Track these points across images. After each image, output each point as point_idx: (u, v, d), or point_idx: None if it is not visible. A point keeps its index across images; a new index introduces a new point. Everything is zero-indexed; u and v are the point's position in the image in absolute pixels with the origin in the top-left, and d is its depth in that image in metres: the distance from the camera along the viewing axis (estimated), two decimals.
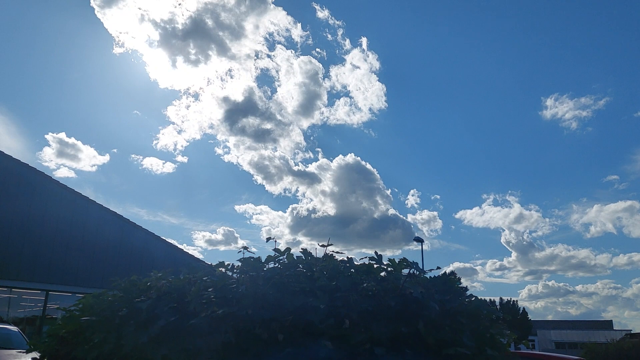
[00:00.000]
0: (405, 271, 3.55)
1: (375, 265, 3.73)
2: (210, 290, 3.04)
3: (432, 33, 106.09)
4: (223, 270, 3.59)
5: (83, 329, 3.28)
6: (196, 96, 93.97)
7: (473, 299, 3.44)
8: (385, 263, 3.77)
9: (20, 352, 10.64)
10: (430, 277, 3.48)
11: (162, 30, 70.61)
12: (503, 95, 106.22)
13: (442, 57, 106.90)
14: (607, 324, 66.83)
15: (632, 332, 48.31)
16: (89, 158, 75.80)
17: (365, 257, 3.85)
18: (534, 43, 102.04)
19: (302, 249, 3.60)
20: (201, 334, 2.72)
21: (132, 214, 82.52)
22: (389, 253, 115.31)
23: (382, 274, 3.49)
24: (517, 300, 57.04)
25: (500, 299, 57.32)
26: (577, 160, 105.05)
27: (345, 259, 3.79)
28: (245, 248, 3.66)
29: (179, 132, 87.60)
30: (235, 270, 3.49)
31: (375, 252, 4.00)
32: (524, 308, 56.64)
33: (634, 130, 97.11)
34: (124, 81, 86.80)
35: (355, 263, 3.78)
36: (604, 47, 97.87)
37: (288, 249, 3.47)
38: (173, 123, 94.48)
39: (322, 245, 3.60)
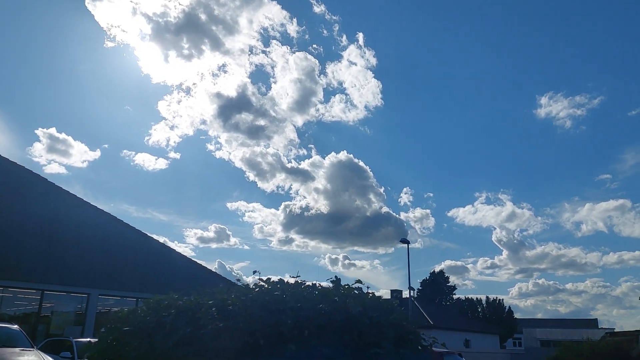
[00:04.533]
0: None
1: (331, 287, 5.31)
2: (213, 309, 4.58)
3: (428, 31, 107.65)
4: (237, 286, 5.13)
5: (123, 336, 4.80)
6: (188, 91, 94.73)
7: (398, 312, 5.01)
8: (341, 286, 5.35)
9: (23, 350, 11.93)
10: (371, 296, 5.03)
11: (154, 24, 71.41)
12: (498, 93, 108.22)
13: (437, 54, 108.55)
14: (593, 323, 69.48)
15: (614, 330, 50.59)
16: (80, 154, 76.63)
17: (329, 279, 5.43)
18: (530, 41, 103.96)
19: (279, 278, 5.15)
20: (209, 340, 4.27)
21: (121, 211, 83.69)
22: (381, 251, 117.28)
23: (336, 298, 5.03)
24: (503, 299, 59.29)
25: (487, 297, 59.48)
26: (570, 158, 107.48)
27: (312, 284, 5.35)
28: (255, 272, 5.18)
29: (171, 127, 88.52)
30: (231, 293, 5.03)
31: (335, 277, 5.59)
32: (509, 307, 58.83)
33: (627, 130, 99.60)
34: (115, 76, 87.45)
35: (319, 287, 5.34)
36: (600, 45, 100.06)
37: (269, 279, 5.02)
38: (165, 119, 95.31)
39: (293, 277, 5.17)
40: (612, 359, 24.07)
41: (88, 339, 14.76)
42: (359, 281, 5.73)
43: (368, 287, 5.32)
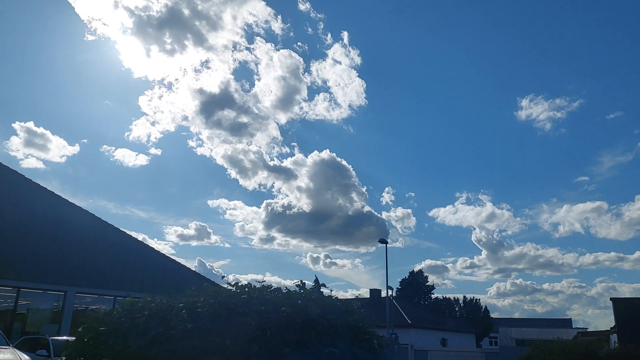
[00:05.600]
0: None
1: (295, 291, 5.78)
2: (184, 311, 5.01)
3: (413, 32, 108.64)
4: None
5: (99, 335, 5.20)
6: (170, 87, 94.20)
7: (355, 315, 5.50)
8: (304, 290, 5.82)
9: (1, 348, 12.14)
10: (330, 299, 5.52)
11: (136, 18, 70.90)
12: (480, 95, 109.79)
13: (421, 55, 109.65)
14: (567, 322, 71.32)
15: (587, 330, 52.11)
16: (58, 148, 75.75)
17: (297, 281, 5.90)
18: (512, 44, 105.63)
19: (247, 282, 5.61)
20: (179, 340, 4.70)
21: (100, 207, 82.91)
22: (362, 250, 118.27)
23: (299, 301, 5.50)
24: (480, 299, 60.69)
25: (464, 297, 60.73)
26: (549, 160, 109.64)
27: (279, 287, 5.81)
28: (223, 277, 5.61)
29: (152, 123, 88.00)
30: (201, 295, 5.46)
31: (301, 281, 6.07)
32: (486, 306, 60.19)
33: (604, 133, 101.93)
34: (95, 69, 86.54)
35: (284, 290, 5.80)
36: (580, 49, 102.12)
37: (237, 283, 5.47)
38: (146, 114, 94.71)
39: (258, 281, 5.62)
40: (581, 358, 25.02)
41: (65, 337, 14.99)
42: (323, 285, 6.27)
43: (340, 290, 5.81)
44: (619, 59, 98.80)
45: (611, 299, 33.09)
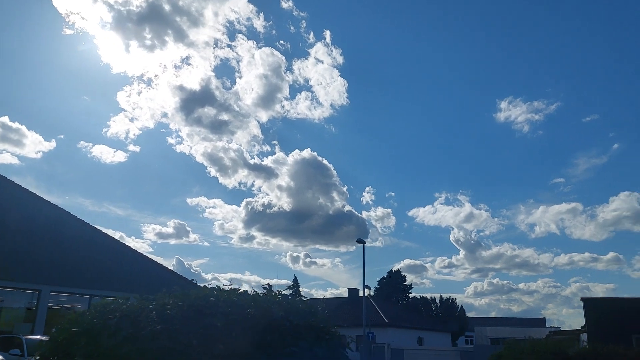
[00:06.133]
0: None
1: (263, 293, 6.13)
2: (153, 313, 5.32)
3: (395, 32, 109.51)
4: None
5: (72, 336, 5.47)
6: (149, 83, 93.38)
7: (319, 316, 5.88)
8: (269, 292, 6.17)
9: None
10: (293, 302, 5.89)
11: (115, 12, 70.22)
12: (460, 96, 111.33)
13: (403, 56, 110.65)
14: (541, 322, 72.96)
15: (560, 329, 53.49)
16: (34, 144, 74.66)
17: (266, 284, 6.25)
18: (492, 46, 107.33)
19: (217, 285, 5.94)
20: (148, 340, 5.00)
21: (76, 205, 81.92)
22: (342, 249, 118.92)
23: (264, 303, 5.85)
24: (456, 299, 61.85)
25: (441, 296, 61.79)
26: (527, 162, 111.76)
27: (246, 290, 6.16)
28: (192, 280, 5.93)
29: (131, 119, 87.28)
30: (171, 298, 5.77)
31: (268, 284, 6.50)
32: (462, 305, 61.33)
33: (580, 135, 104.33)
34: (73, 64, 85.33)
35: (250, 293, 6.14)
36: (558, 53, 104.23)
37: (205, 287, 5.79)
38: (124, 110, 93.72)
39: (227, 285, 5.96)
40: (550, 357, 25.89)
41: (39, 337, 15.06)
42: (289, 288, 6.64)
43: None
44: (596, 63, 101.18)
45: (582, 299, 34.14)
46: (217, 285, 5.89)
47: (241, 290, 6.05)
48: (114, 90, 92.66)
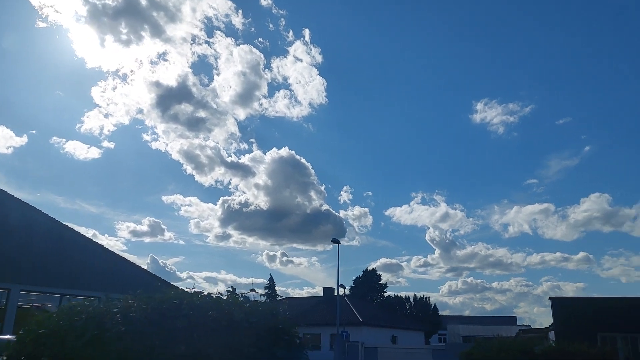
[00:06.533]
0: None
1: (227, 296, 6.43)
2: (118, 315, 5.58)
3: (373, 33, 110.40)
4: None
5: (39, 337, 5.70)
6: (125, 78, 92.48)
7: (279, 317, 6.21)
8: (231, 296, 6.48)
9: None
10: (254, 304, 6.21)
11: (90, 5, 69.50)
12: (437, 97, 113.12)
13: (381, 56, 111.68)
14: (512, 320, 74.70)
15: (530, 327, 54.91)
16: (5, 139, 73.32)
17: (227, 289, 6.55)
18: (470, 49, 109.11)
19: (181, 289, 6.21)
20: (113, 342, 5.27)
21: (48, 202, 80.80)
22: (320, 248, 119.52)
23: (225, 306, 6.14)
24: (429, 297, 63.04)
25: (415, 295, 62.83)
26: (501, 163, 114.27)
27: (208, 294, 6.44)
28: (158, 284, 6.19)
29: (106, 115, 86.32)
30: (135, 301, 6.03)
31: (232, 286, 6.72)
32: (435, 304, 62.49)
33: (553, 138, 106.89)
34: (46, 58, 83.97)
35: (215, 295, 6.44)
36: (534, 56, 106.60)
37: (170, 290, 6.06)
38: (99, 106, 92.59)
39: (190, 288, 6.25)
40: (517, 355, 26.75)
41: (7, 337, 15.04)
42: (253, 290, 6.96)
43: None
44: (569, 67, 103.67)
45: (550, 298, 35.22)
46: (181, 290, 6.17)
47: (205, 293, 6.35)
48: (88, 86, 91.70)
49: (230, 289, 6.62)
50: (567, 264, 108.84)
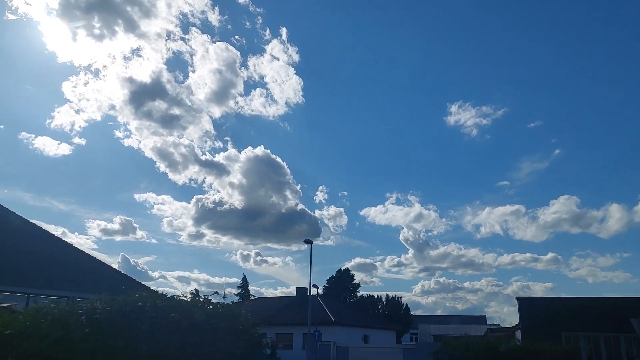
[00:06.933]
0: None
1: (191, 299, 6.76)
2: (83, 317, 5.86)
3: (351, 33, 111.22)
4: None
5: (5, 338, 5.93)
6: (97, 73, 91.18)
7: (241, 319, 6.57)
8: (197, 297, 6.82)
9: None
10: (215, 305, 6.56)
11: None
12: (413, 98, 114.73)
13: (358, 57, 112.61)
14: (482, 319, 76.43)
15: (499, 326, 56.35)
16: None
17: (193, 289, 6.88)
18: (445, 52, 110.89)
19: (144, 292, 6.50)
20: (77, 343, 5.55)
21: (15, 199, 79.18)
22: (294, 248, 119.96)
23: (187, 308, 6.47)
24: (401, 297, 64.15)
25: (387, 295, 63.82)
26: (474, 165, 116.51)
27: (172, 296, 6.76)
28: (124, 287, 6.48)
29: (77, 111, 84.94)
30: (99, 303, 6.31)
31: (195, 289, 7.05)
32: (407, 304, 63.60)
33: (525, 141, 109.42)
34: (15, 51, 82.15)
35: (178, 298, 6.76)
36: (507, 60, 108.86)
37: (134, 293, 6.37)
38: (70, 101, 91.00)
39: (158, 288, 6.55)
40: (483, 353, 27.67)
41: None
42: (216, 292, 7.30)
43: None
44: (542, 72, 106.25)
45: (516, 297, 36.27)
46: (143, 293, 6.46)
47: (168, 296, 6.67)
48: (59, 80, 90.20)
49: (194, 291, 6.95)
50: (536, 264, 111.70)
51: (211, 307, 6.54)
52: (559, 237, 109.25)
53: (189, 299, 6.72)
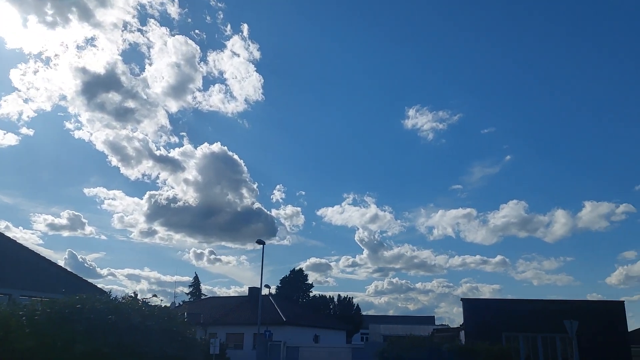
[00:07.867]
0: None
1: (129, 301, 7.31)
2: (24, 318, 6.34)
3: (312, 33, 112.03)
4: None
5: None
6: (48, 62, 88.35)
7: (176, 321, 7.18)
8: (134, 300, 7.36)
9: None
10: (153, 308, 7.14)
11: None
12: (372, 101, 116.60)
13: (319, 57, 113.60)
14: (431, 320, 78.84)
15: (447, 326, 58.48)
16: None
17: (132, 292, 7.42)
18: (405, 56, 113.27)
19: (86, 295, 7.01)
20: (18, 341, 6.03)
21: None
22: (249, 247, 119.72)
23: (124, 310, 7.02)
24: (352, 298, 65.55)
25: (339, 295, 65.01)
26: (429, 168, 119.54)
27: (112, 298, 7.30)
28: (63, 290, 6.95)
29: (25, 100, 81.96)
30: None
31: (134, 292, 7.59)
32: (358, 304, 64.97)
33: (477, 146, 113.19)
34: None
35: (121, 300, 7.30)
36: (463, 66, 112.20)
37: (74, 296, 6.87)
38: (18, 90, 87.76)
39: (97, 288, 7.08)
40: (427, 352, 28.95)
41: None
42: (155, 295, 7.87)
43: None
44: (497, 79, 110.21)
45: (462, 299, 37.89)
46: (82, 295, 6.97)
47: (114, 295, 7.22)
48: (7, 68, 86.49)
49: (133, 294, 7.48)
50: (485, 266, 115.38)
51: (147, 309, 7.09)
52: (507, 240, 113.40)
53: (126, 302, 7.24)
